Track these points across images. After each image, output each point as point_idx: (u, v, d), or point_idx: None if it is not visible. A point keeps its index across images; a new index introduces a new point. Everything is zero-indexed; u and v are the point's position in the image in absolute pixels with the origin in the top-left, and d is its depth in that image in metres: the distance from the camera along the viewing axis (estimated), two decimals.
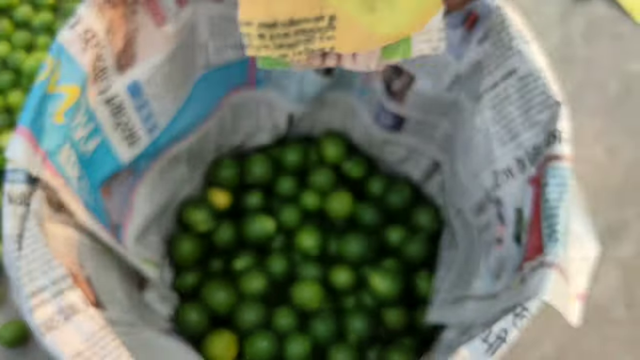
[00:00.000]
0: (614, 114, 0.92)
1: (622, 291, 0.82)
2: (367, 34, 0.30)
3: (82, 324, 0.33)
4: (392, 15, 0.30)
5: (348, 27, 0.30)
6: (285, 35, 0.30)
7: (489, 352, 0.31)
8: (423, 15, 0.30)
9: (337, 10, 0.30)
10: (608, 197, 0.88)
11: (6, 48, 0.90)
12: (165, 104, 0.50)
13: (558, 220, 0.33)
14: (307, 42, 0.31)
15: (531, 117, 0.38)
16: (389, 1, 0.30)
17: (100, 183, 0.47)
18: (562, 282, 0.33)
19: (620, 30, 0.97)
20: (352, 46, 0.31)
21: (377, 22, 0.30)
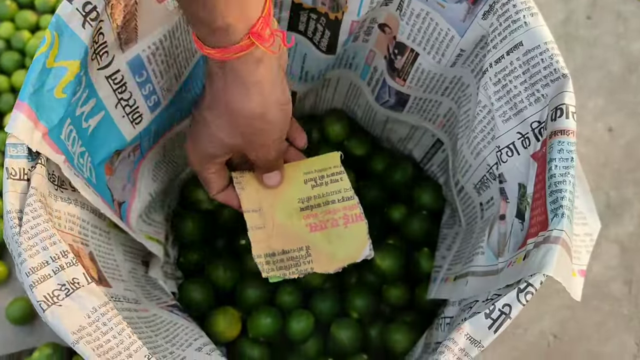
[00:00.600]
0: (616, 93, 0.90)
1: (622, 269, 0.82)
2: (330, 258, 0.51)
3: (84, 299, 0.33)
4: (343, 246, 0.51)
5: (319, 254, 0.51)
6: (282, 261, 0.51)
7: (493, 328, 0.31)
8: (360, 244, 0.51)
9: (310, 243, 0.51)
10: (608, 176, 0.87)
11: (10, 28, 0.89)
12: (167, 81, 0.50)
13: (564, 195, 0.33)
14: (296, 265, 0.50)
15: (536, 91, 0.38)
16: (339, 238, 0.51)
17: (103, 160, 0.47)
18: (566, 258, 0.32)
19: (624, 9, 0.96)
20: (323, 267, 0.50)
21: (335, 251, 0.51)
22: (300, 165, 0.54)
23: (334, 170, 0.54)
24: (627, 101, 0.90)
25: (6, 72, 0.88)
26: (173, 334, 0.47)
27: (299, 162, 0.55)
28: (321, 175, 0.54)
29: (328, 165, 0.54)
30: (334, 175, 0.54)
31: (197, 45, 0.39)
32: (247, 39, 0.37)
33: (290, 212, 0.53)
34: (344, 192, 0.53)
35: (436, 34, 0.46)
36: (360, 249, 0.51)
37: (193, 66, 0.53)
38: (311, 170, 0.54)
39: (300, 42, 0.56)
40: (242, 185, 0.53)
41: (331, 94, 0.68)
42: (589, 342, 0.78)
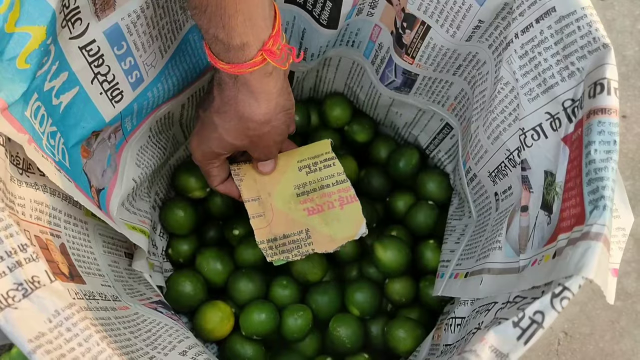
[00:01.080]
0: (630, 78, 0.86)
1: (636, 263, 0.77)
2: (329, 238, 0.54)
3: (45, 300, 0.28)
4: (340, 226, 0.54)
5: (318, 235, 0.54)
6: (283, 245, 0.53)
7: (522, 339, 0.26)
8: (356, 223, 0.54)
9: (309, 226, 0.54)
10: (622, 166, 0.81)
11: None
12: (151, 55, 0.45)
13: (605, 183, 0.28)
14: (297, 248, 0.53)
15: (570, 64, 0.33)
16: (336, 219, 0.54)
17: (78, 142, 0.42)
18: (606, 257, 0.28)
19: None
20: (323, 247, 0.53)
21: (333, 232, 0.54)
22: (293, 154, 0.57)
23: (326, 157, 0.57)
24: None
25: None
26: (155, 335, 0.42)
27: (291, 151, 0.58)
28: (314, 162, 0.57)
29: (320, 152, 0.57)
30: (326, 161, 0.57)
31: (211, 59, 0.42)
32: (260, 56, 0.41)
33: (288, 199, 0.56)
34: (337, 176, 0.56)
35: (451, 3, 0.41)
36: (356, 228, 0.54)
37: (180, 41, 0.48)
38: (304, 158, 0.57)
39: (299, 16, 0.51)
40: (241, 176, 0.56)
41: (332, 75, 0.63)
42: (601, 339, 0.74)
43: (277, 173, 0.57)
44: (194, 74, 0.52)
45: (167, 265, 0.61)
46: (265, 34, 0.41)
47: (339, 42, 0.55)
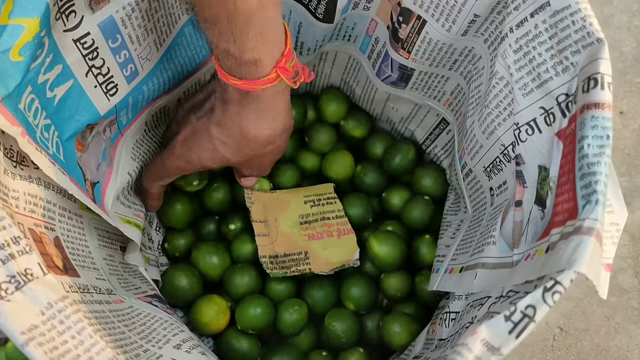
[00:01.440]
0: (628, 74, 0.86)
1: (631, 259, 0.77)
2: (326, 261, 0.58)
3: (38, 293, 0.28)
4: (336, 252, 0.59)
5: (316, 257, 0.58)
6: (283, 262, 0.58)
7: (514, 333, 0.26)
8: (350, 251, 0.59)
9: (309, 249, 0.59)
10: (618, 162, 0.82)
11: None
12: (146, 48, 0.45)
13: (598, 178, 0.28)
14: (296, 265, 0.57)
15: (564, 59, 0.33)
16: (333, 246, 0.59)
17: (73, 135, 0.42)
18: (598, 251, 0.28)
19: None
20: (319, 268, 0.57)
21: (330, 256, 0.59)
22: (300, 190, 0.64)
23: (328, 196, 0.64)
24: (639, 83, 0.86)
25: None
26: (150, 328, 0.42)
27: (299, 188, 0.65)
28: (318, 198, 0.63)
29: (324, 192, 0.64)
30: (328, 199, 0.63)
31: (222, 75, 0.41)
32: (274, 73, 0.41)
33: (292, 225, 0.61)
34: (337, 212, 0.62)
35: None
36: (351, 255, 0.59)
37: (176, 34, 0.48)
38: (310, 194, 0.64)
39: (295, 9, 0.51)
40: (252, 200, 0.62)
41: (328, 69, 0.62)
42: (596, 335, 0.74)
43: (285, 204, 0.63)
44: (190, 67, 0.52)
45: (163, 259, 0.61)
46: (278, 51, 0.40)
47: (335, 36, 0.55)
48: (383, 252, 0.58)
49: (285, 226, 0.61)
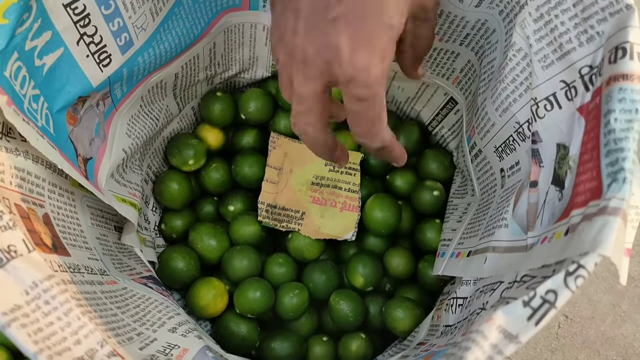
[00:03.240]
0: None
1: (639, 248, 0.76)
2: (317, 229, 0.58)
3: (22, 271, 0.26)
4: (332, 224, 0.58)
5: (309, 222, 0.58)
6: (278, 214, 0.58)
7: (533, 319, 0.25)
8: (346, 228, 0.58)
9: (307, 211, 0.59)
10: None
11: None
12: (142, 17, 0.43)
13: (626, 155, 0.26)
14: (288, 222, 0.58)
15: (590, 27, 0.31)
16: (331, 217, 0.59)
17: (64, 107, 0.40)
18: (623, 233, 0.26)
19: None
20: (308, 232, 0.58)
21: (324, 226, 0.58)
22: None
23: (351, 165, 0.61)
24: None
25: None
26: (144, 311, 0.40)
27: None
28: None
29: (349, 160, 0.61)
30: (350, 169, 0.61)
31: None
32: None
33: (303, 182, 0.60)
34: (352, 186, 0.60)
35: None
36: (345, 231, 0.58)
37: (173, 3, 0.45)
38: None
39: None
40: (275, 145, 0.62)
41: None
42: (602, 323, 0.73)
43: (306, 158, 0.61)
44: (188, 40, 0.50)
45: (159, 240, 0.60)
46: None
47: None
48: (379, 216, 0.57)
49: (295, 181, 0.61)
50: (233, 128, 0.65)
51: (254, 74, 0.63)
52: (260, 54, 0.60)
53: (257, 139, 0.64)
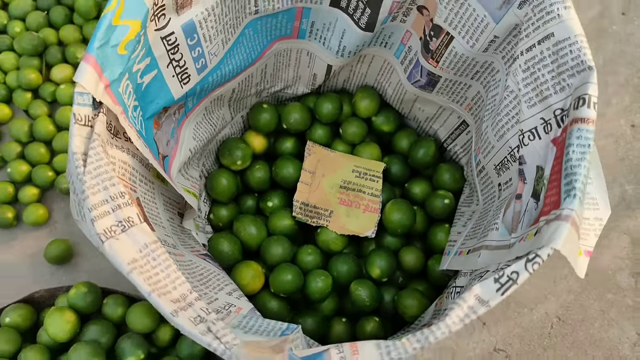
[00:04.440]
0: None
1: (630, 261, 0.84)
2: (343, 226, 0.68)
3: (137, 236, 0.37)
4: (355, 222, 0.68)
5: (336, 219, 0.68)
6: (310, 211, 0.68)
7: (500, 291, 0.34)
8: (367, 227, 0.68)
9: (335, 210, 0.69)
10: (626, 171, 0.88)
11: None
12: (215, 45, 0.53)
13: (577, 177, 0.35)
14: (317, 218, 0.68)
15: (562, 80, 0.40)
16: (355, 216, 0.69)
17: (152, 115, 0.50)
18: (574, 235, 0.35)
19: None
20: (335, 228, 0.67)
21: (348, 223, 0.68)
22: (354, 159, 0.73)
23: (375, 173, 0.71)
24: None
25: (55, 26, 0.91)
26: (206, 278, 0.51)
27: (354, 157, 0.73)
28: (365, 172, 0.71)
29: (373, 168, 0.72)
30: (373, 176, 0.71)
31: None
32: None
33: (332, 185, 0.70)
34: (375, 191, 0.70)
35: (472, 19, 0.49)
36: (366, 229, 0.68)
37: (239, 34, 0.56)
38: (360, 166, 0.72)
39: (341, 18, 0.59)
40: (311, 152, 0.72)
41: (365, 70, 0.70)
42: (591, 326, 0.81)
43: (336, 165, 0.72)
44: (247, 62, 0.61)
45: (208, 228, 0.70)
46: None
47: (373, 42, 0.63)
48: (396, 218, 0.67)
49: (326, 184, 0.70)
50: (275, 135, 0.76)
51: (296, 90, 0.73)
52: (302, 74, 0.70)
53: (295, 146, 0.74)
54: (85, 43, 0.91)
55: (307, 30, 0.62)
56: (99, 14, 0.90)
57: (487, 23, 0.48)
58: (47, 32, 0.90)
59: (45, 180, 0.81)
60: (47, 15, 0.92)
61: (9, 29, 0.91)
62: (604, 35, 0.95)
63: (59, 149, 0.83)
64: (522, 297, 0.81)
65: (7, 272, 0.79)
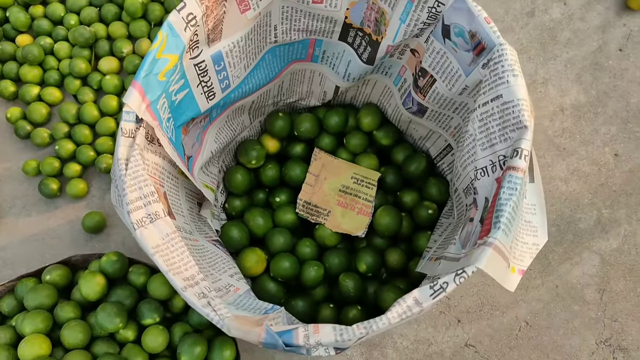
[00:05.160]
0: (629, 123, 0.99)
1: (598, 278, 0.93)
2: (338, 225, 0.79)
3: (162, 226, 0.48)
4: (349, 222, 0.79)
5: (333, 219, 0.79)
6: (310, 209, 0.80)
7: (432, 296, 0.45)
8: (359, 227, 0.78)
9: (332, 210, 0.80)
10: (604, 196, 0.97)
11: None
12: (238, 70, 0.64)
13: (503, 214, 0.45)
14: (317, 216, 0.79)
15: (505, 133, 0.50)
16: (349, 217, 0.79)
17: (181, 124, 0.62)
18: (497, 259, 0.45)
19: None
20: (331, 226, 0.78)
21: (343, 223, 0.79)
22: (354, 167, 0.83)
23: (371, 181, 0.82)
24: (639, 132, 0.99)
25: (105, 22, 1.03)
26: (214, 261, 0.62)
27: (355, 165, 0.83)
28: (362, 179, 0.82)
29: (369, 176, 0.82)
30: (369, 183, 0.81)
31: None
32: None
33: (333, 188, 0.81)
34: (369, 197, 0.80)
35: (449, 69, 0.59)
36: (358, 230, 0.79)
37: (259, 60, 0.67)
38: (359, 174, 0.82)
39: (347, 51, 0.69)
40: (316, 157, 0.83)
41: (369, 91, 0.80)
42: (556, 333, 0.90)
43: (338, 171, 0.82)
44: (265, 81, 0.71)
45: (223, 215, 0.82)
46: None
47: (375, 71, 0.73)
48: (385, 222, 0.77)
49: (327, 187, 0.80)
50: (288, 139, 0.86)
51: (308, 102, 0.84)
52: (314, 90, 0.81)
53: (304, 151, 0.85)
54: (130, 39, 1.02)
55: (320, 56, 0.72)
56: (144, 14, 1.01)
57: (460, 74, 0.58)
58: (98, 27, 1.02)
59: (87, 159, 0.93)
60: (99, 11, 1.03)
61: (64, 21, 1.03)
62: (600, 69, 1.02)
63: (101, 132, 0.95)
64: (496, 300, 0.91)
65: (49, 236, 0.92)
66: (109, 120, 0.95)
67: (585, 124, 0.99)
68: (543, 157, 0.96)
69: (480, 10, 0.51)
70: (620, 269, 0.92)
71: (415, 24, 0.58)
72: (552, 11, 1.05)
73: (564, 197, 0.95)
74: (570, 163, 0.96)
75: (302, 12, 0.62)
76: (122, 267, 0.73)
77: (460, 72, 0.57)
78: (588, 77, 1.01)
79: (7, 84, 0.99)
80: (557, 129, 0.98)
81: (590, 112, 0.99)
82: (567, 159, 0.96)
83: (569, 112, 0.99)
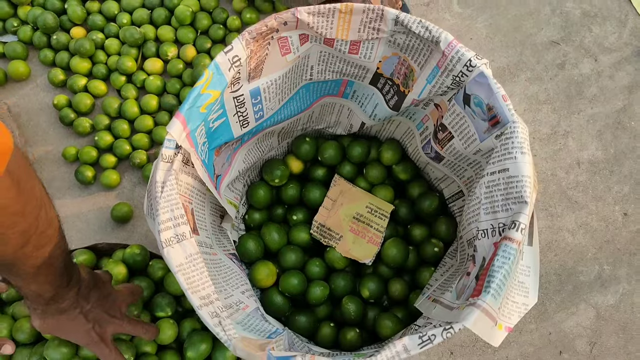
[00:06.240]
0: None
1: (591, 331, 0.96)
2: (348, 251, 0.84)
3: (186, 247, 0.54)
4: (358, 249, 0.84)
5: (344, 244, 0.84)
6: (324, 232, 0.85)
7: (420, 346, 0.49)
8: (367, 255, 0.83)
9: (344, 235, 0.85)
10: (609, 253, 1.00)
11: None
12: (273, 103, 0.69)
13: (494, 280, 0.50)
14: (329, 240, 0.84)
15: (508, 204, 0.55)
16: (359, 245, 0.84)
17: (215, 147, 0.67)
18: (484, 319, 0.50)
19: None
20: (341, 250, 0.83)
21: (353, 249, 0.84)
22: (369, 197, 0.87)
23: (384, 212, 0.86)
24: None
25: (155, 24, 1.09)
26: (229, 276, 0.68)
27: (370, 195, 0.87)
28: (375, 209, 0.86)
29: (383, 207, 0.86)
30: (381, 215, 0.86)
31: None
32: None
33: (347, 214, 0.85)
34: (380, 227, 0.85)
35: (466, 131, 0.63)
36: (366, 257, 0.83)
37: (293, 94, 0.72)
38: (373, 204, 0.87)
39: (376, 94, 0.73)
40: (336, 183, 0.87)
41: (393, 129, 0.85)
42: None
43: (355, 199, 0.87)
44: (296, 112, 0.76)
45: (242, 226, 0.87)
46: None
47: (401, 114, 0.77)
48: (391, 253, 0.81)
49: (342, 213, 0.85)
50: (311, 162, 0.91)
51: (335, 130, 0.89)
52: (341, 120, 0.86)
53: (325, 175, 0.90)
54: (176, 43, 1.08)
55: (350, 94, 0.77)
56: (192, 22, 1.07)
57: (475, 138, 0.62)
58: (147, 28, 1.08)
59: (123, 152, 0.99)
60: (151, 14, 1.09)
61: (117, 19, 1.09)
62: (622, 128, 1.05)
63: (139, 128, 1.01)
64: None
65: (79, 219, 0.98)
66: (147, 119, 1.01)
67: (600, 180, 1.02)
68: (554, 207, 0.99)
69: (499, 87, 0.55)
70: (614, 325, 0.95)
71: (440, 86, 0.62)
72: (583, 66, 1.08)
73: (569, 249, 0.98)
74: (579, 216, 0.99)
75: (337, 57, 0.67)
76: (144, 260, 0.78)
77: (476, 137, 0.62)
78: (609, 135, 1.03)
79: (57, 72, 1.05)
80: (571, 181, 1.01)
81: (605, 170, 1.02)
82: (577, 212, 1.00)
83: (585, 166, 1.02)
